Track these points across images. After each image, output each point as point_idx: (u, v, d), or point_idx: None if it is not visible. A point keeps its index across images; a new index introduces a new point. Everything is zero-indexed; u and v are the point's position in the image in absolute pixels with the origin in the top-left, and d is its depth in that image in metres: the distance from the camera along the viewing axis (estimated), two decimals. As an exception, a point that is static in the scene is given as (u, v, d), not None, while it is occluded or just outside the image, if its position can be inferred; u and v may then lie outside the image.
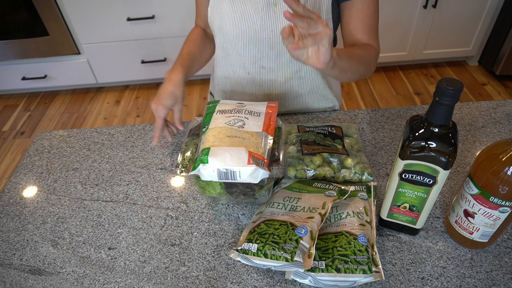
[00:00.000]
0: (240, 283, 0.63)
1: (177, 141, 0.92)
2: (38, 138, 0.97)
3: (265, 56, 0.90)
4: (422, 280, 0.62)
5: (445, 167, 0.54)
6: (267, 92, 0.98)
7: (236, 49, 0.91)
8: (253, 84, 0.97)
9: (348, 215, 0.66)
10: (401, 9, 2.30)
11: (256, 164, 0.62)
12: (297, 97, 0.99)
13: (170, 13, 2.25)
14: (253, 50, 0.90)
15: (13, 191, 0.83)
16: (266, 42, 0.87)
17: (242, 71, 0.95)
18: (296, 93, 0.98)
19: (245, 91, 0.99)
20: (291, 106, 1.01)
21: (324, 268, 0.58)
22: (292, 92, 0.98)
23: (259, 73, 0.94)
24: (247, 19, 0.85)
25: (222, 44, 0.92)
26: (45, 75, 2.53)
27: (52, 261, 0.68)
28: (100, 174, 0.85)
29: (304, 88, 0.97)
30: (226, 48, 0.92)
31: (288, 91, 0.97)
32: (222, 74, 0.99)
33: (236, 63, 0.94)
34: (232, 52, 0.92)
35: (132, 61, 2.48)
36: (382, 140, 0.88)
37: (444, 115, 0.51)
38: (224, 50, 0.94)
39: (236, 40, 0.89)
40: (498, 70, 2.45)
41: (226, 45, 0.92)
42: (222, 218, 0.73)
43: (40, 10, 2.20)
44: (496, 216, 0.58)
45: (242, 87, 0.99)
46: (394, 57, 2.54)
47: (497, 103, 0.98)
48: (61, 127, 2.43)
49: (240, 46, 0.90)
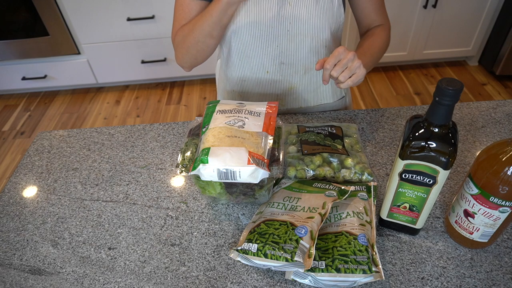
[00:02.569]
0: (240, 283, 0.63)
1: (177, 141, 0.92)
2: (38, 138, 0.97)
3: (284, 51, 0.90)
4: (422, 280, 0.62)
5: (445, 167, 0.54)
6: (288, 86, 0.97)
7: (253, 49, 0.90)
8: (273, 82, 0.96)
9: (348, 215, 0.66)
10: (401, 9, 2.30)
11: (256, 164, 0.62)
12: (317, 89, 0.99)
13: (170, 13, 2.25)
14: (271, 48, 0.89)
15: (13, 191, 0.83)
16: (285, 35, 0.87)
17: (261, 71, 0.94)
18: (316, 84, 0.98)
19: (265, 90, 0.98)
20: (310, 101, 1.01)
21: (324, 268, 0.58)
22: (311, 84, 0.98)
23: (279, 70, 0.93)
24: (264, 17, 0.84)
25: (238, 47, 0.90)
26: (45, 75, 2.53)
27: (52, 261, 0.68)
28: (100, 174, 0.85)
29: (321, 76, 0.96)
30: (243, 51, 0.91)
31: (308, 83, 0.97)
32: (238, 77, 0.97)
33: (254, 64, 0.93)
34: (250, 54, 0.91)
35: (132, 61, 2.48)
36: (382, 140, 0.88)
37: (444, 115, 0.51)
38: (240, 53, 0.92)
39: (254, 41, 0.88)
40: (498, 70, 2.45)
41: (242, 48, 0.90)
42: (222, 218, 0.73)
43: (40, 10, 2.20)
44: (496, 216, 0.58)
45: (261, 87, 0.97)
46: (394, 57, 2.54)
47: (497, 103, 0.98)
48: (61, 127, 2.43)
49: (258, 46, 0.89)
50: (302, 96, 1.00)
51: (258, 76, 0.95)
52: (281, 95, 0.99)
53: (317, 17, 0.85)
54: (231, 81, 1.00)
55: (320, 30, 0.87)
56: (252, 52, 0.90)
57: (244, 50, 0.90)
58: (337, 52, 0.71)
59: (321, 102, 1.03)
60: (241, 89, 1.00)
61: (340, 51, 0.71)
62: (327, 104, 1.04)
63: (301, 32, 0.87)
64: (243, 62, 0.93)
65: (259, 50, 0.90)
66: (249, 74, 0.95)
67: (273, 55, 0.90)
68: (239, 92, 1.01)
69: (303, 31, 0.86)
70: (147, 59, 2.47)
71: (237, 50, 0.91)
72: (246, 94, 1.01)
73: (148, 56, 2.46)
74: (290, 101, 1.01)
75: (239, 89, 1.00)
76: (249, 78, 0.96)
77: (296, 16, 0.84)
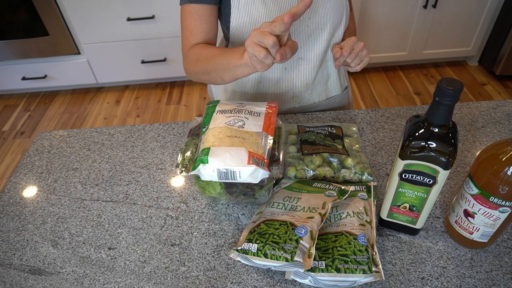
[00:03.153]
0: (240, 283, 0.63)
1: (177, 141, 0.92)
2: (38, 138, 0.97)
3: (302, 47, 0.91)
4: (422, 280, 0.62)
5: (445, 167, 0.54)
6: (305, 82, 0.98)
7: None
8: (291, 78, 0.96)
9: (348, 215, 0.66)
10: (401, 9, 2.30)
11: (256, 164, 0.62)
12: (327, 80, 1.02)
13: (170, 13, 2.25)
14: None
15: (13, 191, 0.83)
16: (305, 32, 0.88)
17: (279, 69, 0.94)
18: (326, 76, 1.01)
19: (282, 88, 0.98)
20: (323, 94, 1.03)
21: (324, 268, 0.58)
22: (323, 77, 1.00)
23: (297, 65, 0.94)
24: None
25: None
26: (45, 75, 2.53)
27: (52, 261, 0.68)
28: (100, 174, 0.85)
29: (330, 68, 1.00)
30: None
31: (320, 76, 0.99)
32: (255, 79, 0.96)
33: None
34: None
35: (132, 61, 2.48)
36: (382, 140, 0.88)
37: (444, 115, 0.51)
38: None
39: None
40: (498, 70, 2.45)
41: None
42: (222, 218, 0.73)
43: (40, 10, 2.20)
44: (496, 216, 0.58)
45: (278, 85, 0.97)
46: (394, 57, 2.54)
47: (497, 103, 0.98)
48: (61, 127, 2.43)
49: None
50: (316, 90, 1.01)
51: (276, 74, 0.95)
52: (298, 93, 1.00)
53: (334, 11, 0.88)
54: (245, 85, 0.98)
55: (337, 23, 0.91)
56: None
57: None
58: (351, 41, 0.86)
59: (331, 95, 1.05)
60: (256, 91, 0.99)
61: (354, 40, 0.86)
62: (336, 96, 1.06)
63: (319, 27, 0.89)
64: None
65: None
66: (267, 73, 0.95)
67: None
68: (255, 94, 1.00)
69: (321, 26, 0.89)
70: (147, 59, 2.47)
71: None
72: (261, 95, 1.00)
73: (148, 56, 2.46)
74: (305, 97, 1.01)
75: (254, 91, 0.99)
76: (267, 77, 0.96)
77: (315, 12, 0.87)
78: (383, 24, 2.37)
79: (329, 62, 0.99)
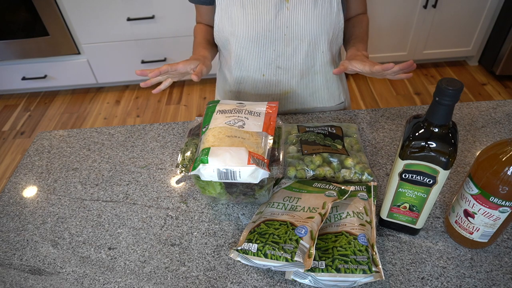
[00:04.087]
0: (240, 283, 0.63)
1: (177, 141, 0.92)
2: (38, 138, 0.97)
3: (280, 56, 0.90)
4: (422, 280, 0.62)
5: (445, 167, 0.54)
6: (284, 91, 0.98)
7: (250, 52, 0.91)
8: (269, 85, 0.97)
9: (348, 215, 0.66)
10: (401, 9, 2.30)
11: (256, 164, 0.62)
12: (313, 93, 1.00)
13: (170, 13, 2.25)
14: (268, 51, 0.90)
15: (13, 191, 0.83)
16: (282, 40, 0.87)
17: (257, 74, 0.95)
18: (312, 89, 0.99)
19: (261, 93, 0.99)
20: (307, 104, 1.02)
21: (324, 268, 0.58)
22: (308, 89, 0.99)
23: (275, 74, 0.94)
24: (261, 21, 0.85)
25: (235, 49, 0.91)
26: (45, 75, 2.53)
27: (52, 261, 0.68)
28: (100, 174, 0.85)
29: (318, 82, 0.98)
30: (240, 53, 0.91)
31: (304, 87, 0.98)
32: (235, 78, 0.98)
33: (251, 66, 0.94)
34: (246, 57, 0.92)
35: (132, 61, 2.48)
36: (382, 140, 0.88)
37: (444, 115, 0.51)
38: (237, 55, 0.92)
39: (250, 44, 0.89)
40: (498, 70, 2.45)
41: (239, 50, 0.91)
42: (222, 218, 0.73)
43: (40, 10, 2.20)
44: (496, 216, 0.58)
45: (257, 89, 0.98)
46: (394, 57, 2.54)
47: (497, 103, 0.98)
48: (61, 127, 2.43)
49: (254, 49, 0.89)
50: (298, 100, 1.01)
51: (254, 78, 0.96)
52: (277, 98, 1.00)
53: (315, 23, 0.86)
54: (229, 82, 1.01)
55: (317, 35, 0.88)
56: (249, 54, 0.91)
57: (242, 52, 0.91)
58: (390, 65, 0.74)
59: (317, 105, 1.03)
60: (238, 90, 1.01)
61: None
62: (324, 107, 1.04)
63: (297, 37, 0.87)
64: (240, 64, 0.94)
65: (256, 53, 0.90)
66: (246, 76, 0.96)
67: (269, 59, 0.91)
68: (236, 93, 1.02)
69: (299, 36, 0.87)
70: (147, 59, 2.47)
71: (235, 51, 0.92)
72: (243, 95, 1.01)
73: (148, 56, 2.46)
74: (285, 104, 1.02)
75: (236, 90, 1.01)
76: (246, 80, 0.97)
77: (293, 21, 0.85)
78: (383, 24, 2.37)
79: (317, 75, 0.96)
